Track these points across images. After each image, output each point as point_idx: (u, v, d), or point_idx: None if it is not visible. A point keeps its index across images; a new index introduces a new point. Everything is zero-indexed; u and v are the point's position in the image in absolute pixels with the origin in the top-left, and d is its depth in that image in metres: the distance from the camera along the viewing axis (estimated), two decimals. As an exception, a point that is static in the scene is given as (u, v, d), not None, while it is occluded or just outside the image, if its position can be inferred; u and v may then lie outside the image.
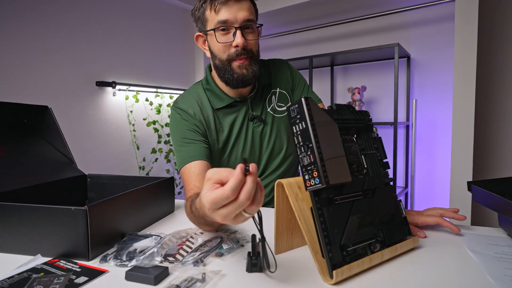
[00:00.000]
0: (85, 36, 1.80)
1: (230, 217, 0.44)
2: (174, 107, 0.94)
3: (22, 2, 1.55)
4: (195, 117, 0.91)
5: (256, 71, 0.87)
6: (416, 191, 2.22)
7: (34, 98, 1.59)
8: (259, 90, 0.96)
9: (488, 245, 0.61)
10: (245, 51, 0.84)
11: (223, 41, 0.84)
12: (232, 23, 0.82)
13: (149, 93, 2.18)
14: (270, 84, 0.99)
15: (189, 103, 0.93)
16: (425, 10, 2.05)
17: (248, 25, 0.84)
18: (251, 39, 0.85)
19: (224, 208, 0.43)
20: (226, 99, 0.93)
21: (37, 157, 0.90)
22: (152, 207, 0.81)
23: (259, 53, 0.91)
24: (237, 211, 0.43)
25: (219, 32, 0.83)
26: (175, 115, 0.93)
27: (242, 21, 0.82)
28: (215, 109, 0.93)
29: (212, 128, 0.92)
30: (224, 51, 0.85)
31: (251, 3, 0.86)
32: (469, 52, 1.51)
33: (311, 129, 0.50)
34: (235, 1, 0.81)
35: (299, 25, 2.56)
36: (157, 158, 2.23)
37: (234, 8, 0.81)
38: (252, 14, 0.85)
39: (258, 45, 0.90)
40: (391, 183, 0.62)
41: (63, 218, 0.59)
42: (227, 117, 0.94)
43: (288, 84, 1.01)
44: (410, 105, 2.15)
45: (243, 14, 0.82)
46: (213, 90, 0.94)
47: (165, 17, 2.29)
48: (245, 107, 0.95)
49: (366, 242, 0.54)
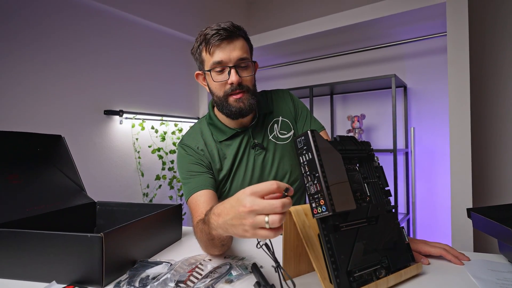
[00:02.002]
0: (94, 66, 1.88)
1: (259, 217, 0.49)
2: (180, 144, 0.99)
3: (32, 33, 1.63)
4: (200, 151, 0.96)
5: (253, 103, 0.91)
6: (418, 218, 2.22)
7: (45, 126, 1.64)
8: (260, 119, 1.01)
9: (490, 271, 0.63)
10: (240, 86, 0.88)
11: (218, 80, 0.89)
12: (227, 63, 0.87)
13: (155, 121, 2.23)
14: (271, 113, 1.03)
15: (194, 139, 0.98)
16: (419, 43, 2.15)
17: (242, 63, 0.88)
18: (245, 76, 0.89)
19: (261, 201, 0.49)
20: (228, 131, 0.97)
21: (50, 185, 0.93)
22: (161, 234, 0.83)
23: (255, 86, 0.95)
24: (269, 210, 0.48)
25: (215, 72, 0.88)
26: (181, 151, 0.98)
27: (235, 60, 0.87)
28: (218, 142, 0.98)
29: (216, 160, 0.96)
30: (220, 88, 0.90)
31: (245, 41, 0.91)
32: (462, 82, 1.58)
33: (317, 160, 0.53)
34: (228, 42, 0.86)
35: (300, 56, 2.67)
36: (161, 185, 2.25)
37: (227, 49, 0.86)
38: (246, 52, 0.90)
39: (254, 79, 0.94)
40: (393, 210, 0.65)
41: (79, 245, 0.61)
42: (230, 147, 0.98)
43: (290, 113, 1.05)
44: (409, 133, 2.21)
45: (236, 54, 0.87)
46: (215, 124, 0.98)
47: (170, 48, 2.40)
48: (246, 135, 0.99)
49: (371, 268, 0.56)
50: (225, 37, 0.86)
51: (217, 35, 0.85)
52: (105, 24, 1.95)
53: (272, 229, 0.49)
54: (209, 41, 0.86)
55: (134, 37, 2.12)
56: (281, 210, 0.47)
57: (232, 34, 0.87)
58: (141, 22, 2.12)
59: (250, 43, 0.95)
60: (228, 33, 0.86)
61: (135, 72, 2.12)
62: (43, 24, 1.66)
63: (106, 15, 1.95)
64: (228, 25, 0.87)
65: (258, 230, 0.49)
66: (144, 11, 2.08)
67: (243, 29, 0.91)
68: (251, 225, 0.49)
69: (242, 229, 0.50)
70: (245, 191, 0.50)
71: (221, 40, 0.86)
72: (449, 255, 0.69)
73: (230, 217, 0.53)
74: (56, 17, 1.71)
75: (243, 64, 0.89)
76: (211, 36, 0.86)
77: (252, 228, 0.49)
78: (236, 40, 0.88)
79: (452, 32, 1.62)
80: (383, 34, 2.28)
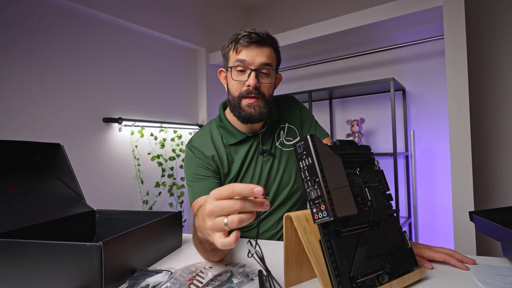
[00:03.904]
0: (93, 73, 1.89)
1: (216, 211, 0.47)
2: (188, 145, 0.98)
3: (31, 42, 1.64)
4: (208, 154, 0.95)
5: (264, 112, 0.91)
6: (419, 221, 2.21)
7: (44, 135, 1.64)
8: (270, 126, 1.01)
9: (495, 275, 0.62)
10: (256, 91, 0.88)
11: (237, 79, 0.89)
12: (249, 64, 0.87)
13: (154, 128, 2.23)
14: (279, 120, 1.03)
15: (203, 141, 0.97)
16: (417, 47, 2.16)
17: (264, 69, 0.88)
18: (264, 82, 0.89)
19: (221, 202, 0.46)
20: (238, 135, 0.96)
21: (48, 194, 0.93)
22: (161, 242, 0.83)
23: (271, 96, 0.95)
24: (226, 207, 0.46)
25: (236, 70, 0.89)
26: (189, 153, 0.97)
27: (259, 64, 0.87)
28: (228, 145, 0.97)
29: (224, 164, 0.96)
30: (237, 88, 0.90)
31: (273, 51, 0.91)
32: (461, 84, 1.59)
33: (317, 164, 0.53)
34: (257, 46, 0.87)
35: (299, 61, 2.68)
36: (161, 192, 2.24)
37: (254, 51, 0.87)
38: (271, 59, 0.90)
39: (273, 89, 0.94)
40: (394, 215, 0.64)
41: (77, 255, 0.60)
42: (239, 151, 0.97)
43: (297, 120, 1.05)
44: (408, 136, 2.20)
45: (261, 59, 0.87)
46: (226, 127, 0.98)
47: (169, 55, 2.40)
48: (256, 141, 0.98)
49: (374, 274, 0.55)
50: (255, 41, 0.87)
51: (247, 37, 0.87)
52: (104, 32, 1.96)
53: (230, 235, 0.47)
54: (239, 41, 0.87)
55: (133, 44, 2.13)
56: (239, 208, 0.45)
57: (262, 40, 0.88)
58: (140, 30, 2.13)
59: (279, 56, 0.95)
60: (259, 38, 0.87)
61: (134, 79, 2.13)
62: (43, 33, 1.67)
63: (105, 24, 1.96)
64: (263, 31, 0.88)
65: (216, 234, 0.47)
66: (143, 19, 2.09)
67: (276, 41, 0.92)
68: (210, 228, 0.48)
69: (206, 233, 0.49)
70: (210, 194, 0.49)
71: (250, 42, 0.87)
72: (454, 260, 0.67)
73: (200, 220, 0.53)
74: (55, 26, 1.72)
75: (265, 70, 0.89)
76: (242, 37, 0.87)
77: (212, 231, 0.48)
78: (265, 46, 0.88)
79: (450, 35, 1.63)
80: (381, 38, 2.29)
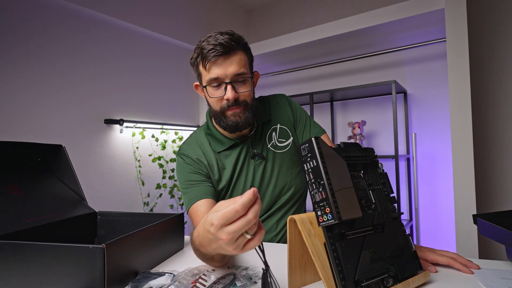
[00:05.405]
0: (94, 75, 1.89)
1: (236, 235, 0.44)
2: (178, 154, 0.98)
3: (33, 44, 1.64)
4: (198, 161, 0.95)
5: (249, 117, 0.90)
6: (421, 224, 2.20)
7: (45, 136, 1.64)
8: (259, 128, 0.99)
9: (500, 279, 0.62)
10: (236, 102, 0.87)
11: (215, 96, 0.88)
12: (223, 79, 0.85)
13: (155, 130, 2.23)
14: (270, 121, 1.01)
15: (192, 149, 0.97)
16: (419, 49, 2.16)
17: (239, 78, 0.86)
18: (242, 91, 0.87)
19: (232, 224, 0.44)
20: (226, 142, 0.96)
21: (50, 195, 0.92)
22: (164, 244, 0.82)
23: (253, 101, 0.93)
24: (244, 228, 0.44)
25: (211, 87, 0.87)
26: (180, 160, 0.97)
27: (232, 76, 0.85)
28: (217, 152, 0.96)
29: (215, 170, 0.95)
30: (217, 103, 0.89)
31: (243, 53, 0.88)
32: (463, 87, 1.58)
33: (322, 167, 0.53)
34: (224, 58, 0.84)
35: (300, 63, 2.68)
36: (162, 194, 2.24)
37: (223, 65, 0.84)
38: (243, 66, 0.86)
39: (253, 93, 0.92)
40: (401, 217, 0.64)
41: (80, 257, 0.60)
42: (229, 157, 0.96)
43: (289, 120, 1.02)
44: (410, 139, 2.20)
45: (233, 69, 0.84)
46: (213, 134, 0.97)
47: (170, 57, 2.41)
48: (245, 146, 0.97)
49: (379, 277, 0.55)
50: (221, 53, 0.83)
51: (213, 51, 0.83)
52: (105, 33, 1.96)
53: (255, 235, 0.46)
54: (206, 56, 0.84)
55: (134, 46, 2.13)
56: (255, 220, 0.44)
57: (229, 49, 0.84)
58: (141, 31, 2.13)
59: (250, 54, 0.92)
60: (224, 49, 0.83)
61: (135, 81, 2.13)
62: (44, 35, 1.67)
63: (107, 26, 1.97)
64: (225, 39, 0.83)
65: (239, 240, 0.46)
66: (145, 21, 2.09)
67: (242, 40, 0.88)
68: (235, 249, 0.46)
69: (226, 238, 0.46)
70: (213, 224, 0.45)
71: (217, 56, 0.83)
72: (457, 264, 0.67)
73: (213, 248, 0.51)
74: (56, 27, 1.72)
75: (241, 79, 0.87)
76: (207, 52, 0.84)
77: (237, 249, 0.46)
78: (233, 55, 0.85)
79: (452, 37, 1.63)
80: (383, 41, 2.29)
